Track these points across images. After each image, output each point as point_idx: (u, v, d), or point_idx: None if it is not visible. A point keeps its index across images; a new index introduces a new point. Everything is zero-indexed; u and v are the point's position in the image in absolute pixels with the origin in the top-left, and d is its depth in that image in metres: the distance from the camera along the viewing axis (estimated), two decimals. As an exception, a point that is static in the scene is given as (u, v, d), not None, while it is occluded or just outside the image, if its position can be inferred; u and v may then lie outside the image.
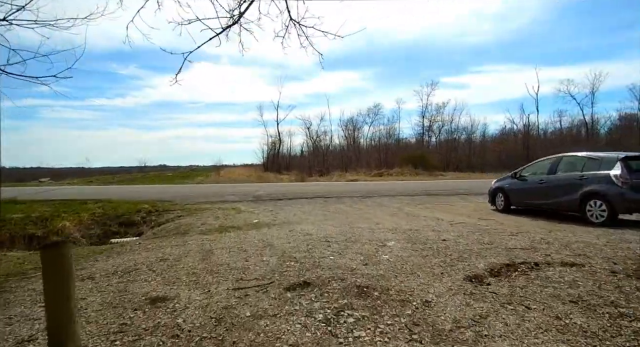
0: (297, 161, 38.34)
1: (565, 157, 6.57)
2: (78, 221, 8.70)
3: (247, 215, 8.00)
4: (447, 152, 36.54)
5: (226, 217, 7.82)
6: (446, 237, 4.77)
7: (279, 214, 8.02)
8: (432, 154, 35.08)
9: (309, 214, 8.05)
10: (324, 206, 9.36)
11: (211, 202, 9.90)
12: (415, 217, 7.35)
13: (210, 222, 7.30)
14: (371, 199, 10.57)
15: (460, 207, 8.87)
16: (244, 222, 7.08)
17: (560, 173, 6.47)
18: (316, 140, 39.35)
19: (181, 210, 9.02)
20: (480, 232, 5.21)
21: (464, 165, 34.74)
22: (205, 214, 8.25)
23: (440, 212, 8.09)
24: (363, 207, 9.07)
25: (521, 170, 7.64)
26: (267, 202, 9.98)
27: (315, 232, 5.58)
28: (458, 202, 9.95)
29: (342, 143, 40.61)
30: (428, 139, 40.22)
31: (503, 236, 4.91)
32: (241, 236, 5.50)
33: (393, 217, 7.35)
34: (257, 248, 4.45)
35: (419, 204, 9.45)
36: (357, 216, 7.68)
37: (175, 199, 10.43)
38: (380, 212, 8.11)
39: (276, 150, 38.13)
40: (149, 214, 8.96)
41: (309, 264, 3.56)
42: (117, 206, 9.51)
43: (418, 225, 6.17)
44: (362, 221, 6.97)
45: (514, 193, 7.61)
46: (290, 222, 7.00)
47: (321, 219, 7.35)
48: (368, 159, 35.95)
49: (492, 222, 6.51)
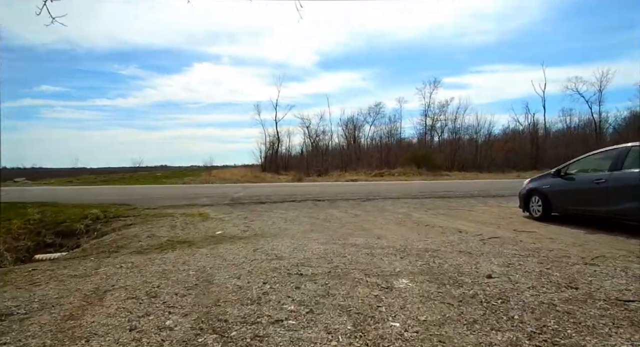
0: (295, 161, 36.67)
1: (635, 147, 4.81)
2: (6, 231, 6.99)
3: (213, 224, 6.27)
4: (452, 151, 34.79)
5: (185, 226, 6.10)
6: (489, 270, 3.03)
7: (253, 223, 6.28)
8: (436, 154, 33.35)
9: (291, 222, 6.31)
10: (314, 211, 7.62)
11: (177, 207, 8.18)
12: (429, 227, 5.60)
13: (160, 233, 5.59)
14: (371, 202, 8.83)
15: (481, 214, 7.11)
16: (202, 235, 5.36)
17: (630, 169, 4.70)
18: (315, 139, 37.66)
19: (136, 216, 7.30)
20: (536, 258, 3.46)
21: (469, 165, 33.01)
22: (161, 222, 6.52)
23: (459, 220, 6.34)
24: (361, 212, 7.32)
25: (566, 166, 5.87)
26: (245, 206, 8.25)
27: (290, 253, 3.85)
28: (476, 206, 8.20)
29: (342, 142, 38.92)
30: (430, 139, 38.45)
31: (576, 266, 3.16)
32: (179, 260, 3.77)
33: (400, 228, 5.61)
34: (179, 290, 2.72)
35: (430, 209, 7.70)
36: (353, 225, 5.95)
37: (137, 202, 8.71)
38: (382, 220, 6.37)
39: (274, 150, 36.46)
40: (95, 222, 7.23)
41: (241, 344, 1.81)
42: (60, 211, 7.79)
43: (436, 241, 4.43)
44: (358, 232, 5.23)
45: (556, 196, 5.86)
46: (263, 234, 5.27)
47: (306, 229, 5.62)
48: (369, 159, 34.23)
49: (536, 236, 4.76)
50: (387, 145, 37.56)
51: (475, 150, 34.57)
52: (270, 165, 34.92)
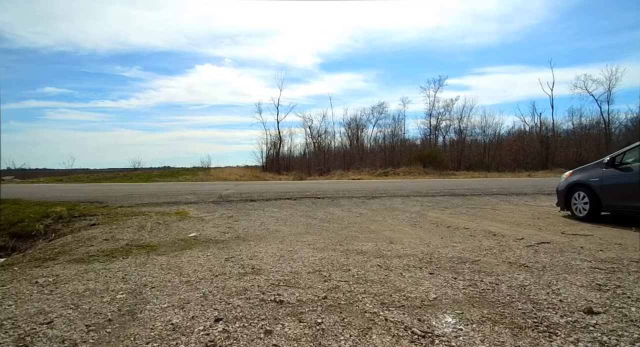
0: (297, 162, 35.62)
1: None
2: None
3: (189, 224, 5.22)
4: (458, 151, 33.60)
5: (155, 227, 5.05)
6: (580, 298, 1.94)
7: (237, 223, 5.23)
8: (442, 153, 32.19)
9: (283, 222, 5.25)
10: (312, 209, 6.55)
11: (156, 205, 7.13)
12: (453, 229, 4.51)
13: (122, 236, 4.55)
14: (378, 200, 7.74)
15: (509, 213, 6.01)
16: (171, 238, 4.32)
17: None
18: (317, 139, 36.56)
19: (104, 215, 6.26)
20: (633, 275, 2.37)
21: (477, 165, 31.83)
22: (130, 222, 5.48)
23: (486, 220, 5.24)
24: (367, 211, 6.24)
25: (622, 154, 4.75)
26: (232, 204, 7.18)
27: (272, 265, 2.79)
28: (500, 205, 7.08)
29: (345, 142, 37.79)
30: (435, 138, 37.21)
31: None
32: (120, 274, 2.73)
33: (416, 230, 4.52)
34: (72, 332, 1.65)
35: (447, 208, 6.60)
36: (358, 226, 4.87)
37: (112, 200, 7.67)
38: (392, 221, 5.29)
39: (276, 150, 35.40)
40: (57, 222, 6.20)
41: None
42: (20, 209, 6.76)
43: (468, 248, 3.34)
44: (365, 235, 4.16)
45: (609, 191, 4.74)
46: (246, 237, 4.22)
47: (299, 231, 4.56)
48: (372, 159, 33.12)
49: (599, 242, 3.66)
50: (391, 145, 36.43)
51: (484, 150, 33.36)
52: (271, 166, 33.91)
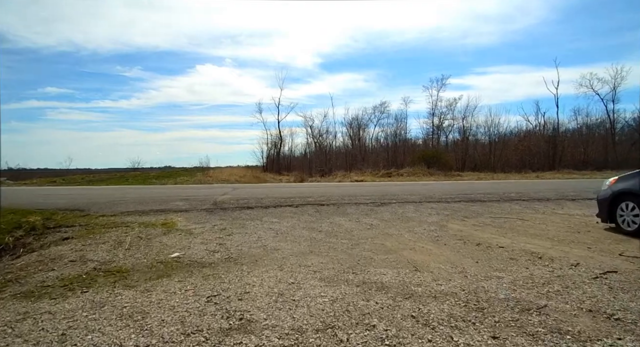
0: (298, 162, 34.90)
1: None
2: None
3: (175, 239, 4.51)
4: (463, 151, 32.84)
5: (134, 243, 4.35)
6: None
7: (231, 238, 4.51)
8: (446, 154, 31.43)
9: (283, 237, 4.53)
10: (315, 219, 5.83)
11: (142, 213, 6.41)
12: (485, 248, 3.79)
13: (94, 255, 3.86)
14: (387, 207, 7.02)
15: (540, 224, 5.28)
16: (150, 259, 3.62)
17: None
18: (319, 139, 35.81)
19: (82, 226, 5.56)
20: None
21: (482, 166, 31.08)
22: (108, 236, 4.78)
23: (518, 234, 4.52)
24: (377, 222, 5.52)
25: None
26: (227, 212, 6.47)
27: (268, 312, 2.09)
28: (526, 213, 6.35)
29: (347, 142, 37.02)
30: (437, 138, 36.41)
31: None
32: (58, 328, 2.02)
33: (441, 249, 3.80)
34: None
35: (467, 218, 5.87)
36: (370, 242, 4.16)
37: (96, 207, 6.96)
38: (409, 235, 4.57)
39: (277, 150, 34.67)
40: (29, 233, 5.49)
41: None
42: (-11, 219, 6.06)
43: (518, 281, 2.62)
44: (381, 256, 3.45)
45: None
46: (238, 259, 3.51)
47: (302, 250, 3.84)
48: (375, 159, 32.38)
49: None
50: (393, 144, 35.69)
51: (489, 150, 32.60)
52: (272, 166, 33.21)
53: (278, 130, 33.99)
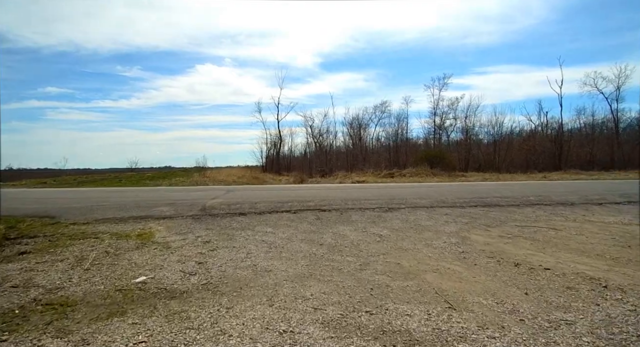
0: (298, 162, 34.18)
1: None
2: None
3: (147, 255, 3.76)
4: (466, 151, 32.07)
5: (99, 260, 3.61)
6: None
7: (214, 254, 3.77)
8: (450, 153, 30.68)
9: (278, 253, 3.79)
10: (316, 229, 5.08)
11: (119, 220, 5.66)
12: (527, 270, 3.04)
13: (43, 278, 3.16)
14: (396, 213, 6.27)
15: (577, 234, 4.53)
16: (109, 285, 2.88)
17: None
18: (319, 139, 35.05)
19: (47, 237, 4.82)
20: None
21: (487, 166, 30.33)
22: (71, 250, 4.04)
23: (561, 249, 3.78)
24: (387, 232, 4.78)
25: None
26: (216, 220, 5.72)
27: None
28: (555, 220, 5.60)
29: (348, 142, 36.25)
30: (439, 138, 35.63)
31: None
32: None
33: (471, 270, 3.05)
34: None
35: (491, 227, 5.12)
36: (383, 261, 3.41)
37: (70, 213, 6.21)
38: (428, 250, 3.82)
39: (276, 150, 33.92)
40: (-17, 246, 4.76)
41: None
42: (-56, 228, 5.32)
43: (594, 329, 1.87)
44: (399, 282, 2.70)
45: None
46: (218, 286, 2.77)
47: (300, 272, 3.10)
48: (377, 159, 31.63)
49: None
50: (395, 144, 34.93)
51: (493, 150, 31.84)
52: (271, 166, 32.48)
53: (278, 129, 33.27)
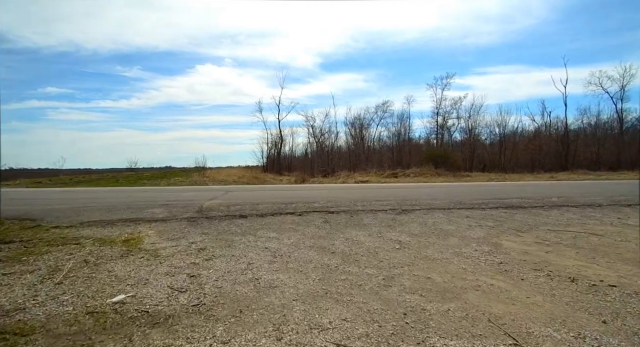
0: (299, 162, 33.70)
1: None
2: None
3: (133, 265, 3.22)
4: (470, 151, 31.50)
5: (74, 271, 3.07)
6: None
7: (210, 264, 3.22)
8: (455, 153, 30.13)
9: (284, 263, 3.24)
10: (325, 233, 4.54)
11: (105, 223, 5.12)
12: (593, 290, 2.49)
13: (5, 294, 2.57)
14: (411, 215, 5.73)
15: (625, 241, 3.98)
16: (81, 305, 2.35)
17: None
18: (320, 138, 34.52)
19: (23, 242, 4.28)
20: None
21: (492, 166, 29.77)
22: (46, 258, 3.50)
23: (617, 261, 3.23)
24: (407, 238, 4.23)
25: None
26: (213, 222, 5.18)
27: None
28: (590, 224, 5.05)
29: (349, 142, 35.71)
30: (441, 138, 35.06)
31: None
32: None
33: (522, 290, 2.50)
34: None
35: (521, 231, 4.57)
36: (409, 273, 2.87)
37: (54, 215, 5.68)
38: (459, 260, 3.27)
39: (277, 150, 33.41)
40: (-49, 253, 4.22)
41: None
42: None
43: None
44: (436, 306, 2.14)
45: None
46: (212, 309, 2.22)
47: (312, 290, 2.55)
48: (379, 159, 31.10)
49: None
50: (398, 144, 34.38)
51: (499, 150, 31.25)
52: (272, 166, 32.00)
53: (279, 129, 32.80)
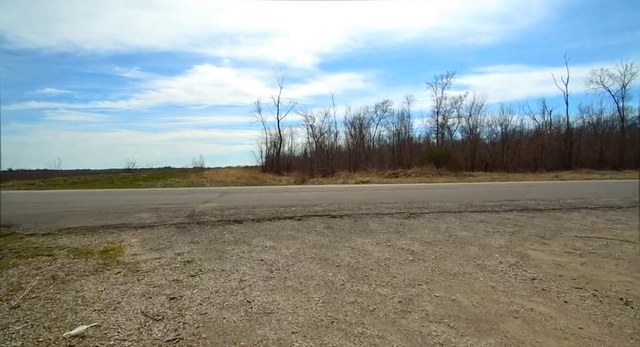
0: (299, 162, 33.29)
1: None
2: None
3: (106, 284, 2.76)
4: (471, 150, 31.08)
5: (37, 291, 2.61)
6: None
7: (195, 283, 2.76)
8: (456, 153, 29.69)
9: (282, 280, 2.78)
10: (327, 241, 4.08)
11: (86, 230, 4.66)
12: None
13: None
14: (421, 219, 5.27)
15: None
16: (30, 339, 1.85)
17: None
18: (320, 138, 34.06)
19: (-12, 254, 3.81)
20: None
21: (494, 165, 29.36)
22: (10, 274, 3.04)
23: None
24: (419, 246, 3.78)
25: None
26: (205, 229, 4.72)
27: None
28: (619, 229, 4.60)
29: (349, 141, 35.26)
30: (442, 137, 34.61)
31: None
32: None
33: (572, 319, 2.05)
34: None
35: (547, 239, 4.12)
36: (429, 295, 2.41)
37: (32, 221, 5.22)
38: (484, 276, 2.82)
39: (276, 150, 32.99)
40: None
41: None
42: None
43: None
44: (469, 341, 1.68)
45: None
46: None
47: (315, 319, 2.08)
48: (380, 158, 30.65)
49: None
50: (398, 144, 33.96)
51: (501, 149, 30.83)
52: (271, 166, 31.59)
53: (278, 129, 32.39)
